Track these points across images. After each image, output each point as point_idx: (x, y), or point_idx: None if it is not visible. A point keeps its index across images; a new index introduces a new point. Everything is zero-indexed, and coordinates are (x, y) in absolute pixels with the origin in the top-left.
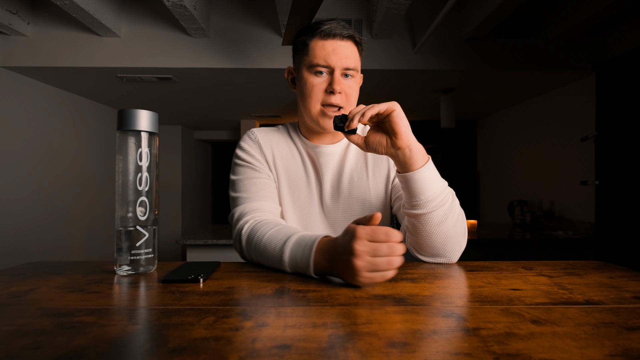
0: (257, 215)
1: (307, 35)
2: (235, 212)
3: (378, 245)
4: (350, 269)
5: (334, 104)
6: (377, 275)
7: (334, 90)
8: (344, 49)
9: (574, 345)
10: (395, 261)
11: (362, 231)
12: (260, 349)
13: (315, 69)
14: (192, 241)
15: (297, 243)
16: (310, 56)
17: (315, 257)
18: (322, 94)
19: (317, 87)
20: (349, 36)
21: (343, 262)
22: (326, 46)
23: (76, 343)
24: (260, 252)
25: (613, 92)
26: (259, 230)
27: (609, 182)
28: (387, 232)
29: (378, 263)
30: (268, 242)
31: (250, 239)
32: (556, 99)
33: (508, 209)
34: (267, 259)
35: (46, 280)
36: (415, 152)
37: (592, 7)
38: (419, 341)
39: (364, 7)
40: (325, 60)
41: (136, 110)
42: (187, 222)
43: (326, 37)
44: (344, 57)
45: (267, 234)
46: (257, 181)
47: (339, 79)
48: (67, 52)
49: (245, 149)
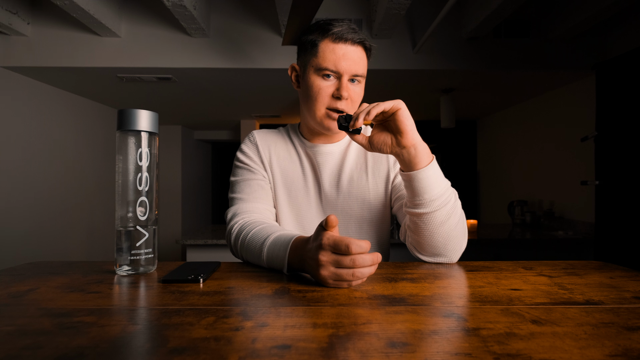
0: (246, 217)
1: (317, 36)
2: (229, 212)
3: (341, 257)
4: (318, 275)
5: (340, 109)
6: (344, 284)
7: (341, 96)
8: (354, 54)
9: (574, 345)
10: (359, 273)
11: (326, 241)
12: (260, 349)
13: (324, 72)
14: (192, 241)
15: (274, 242)
16: (320, 58)
17: (289, 256)
18: (328, 98)
19: (324, 90)
20: (359, 42)
21: (312, 267)
22: (337, 50)
23: (76, 343)
24: (245, 249)
25: (613, 92)
26: (245, 230)
27: (609, 182)
28: (349, 244)
29: (341, 274)
30: (251, 240)
31: (237, 237)
32: (556, 99)
33: (508, 209)
34: (251, 256)
35: (46, 280)
36: (420, 151)
37: (592, 7)
38: (419, 341)
39: (364, 7)
40: (335, 65)
41: (136, 110)
42: (187, 222)
43: (337, 41)
44: (353, 64)
45: (251, 232)
46: (252, 183)
47: (346, 85)
48: (67, 52)
49: (244, 151)
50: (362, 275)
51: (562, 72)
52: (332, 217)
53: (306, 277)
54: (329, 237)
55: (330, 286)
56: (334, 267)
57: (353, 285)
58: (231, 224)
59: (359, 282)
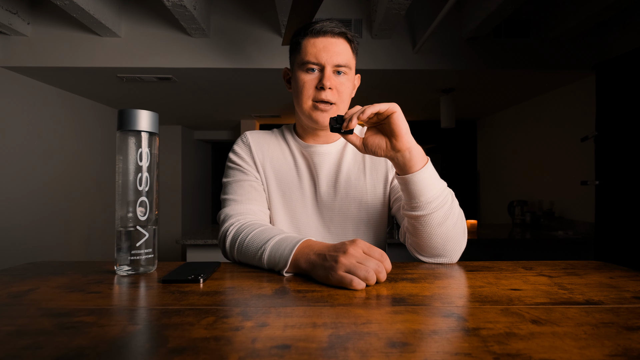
0: (242, 218)
1: (300, 35)
2: (221, 214)
3: (369, 258)
4: (333, 262)
5: (325, 100)
6: (347, 276)
7: (324, 86)
8: (335, 46)
9: (574, 345)
10: (371, 276)
11: (362, 242)
12: (260, 349)
13: (307, 66)
14: (192, 241)
15: (280, 242)
16: (302, 54)
17: (295, 255)
18: (312, 91)
19: (308, 83)
20: (340, 33)
21: (329, 257)
22: (317, 43)
23: (76, 343)
24: (244, 251)
25: (613, 92)
26: (244, 232)
27: (609, 182)
28: (382, 253)
29: (358, 268)
30: (251, 241)
31: (234, 240)
32: (556, 99)
33: (508, 209)
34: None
35: (46, 280)
36: (415, 154)
37: (592, 7)
38: (419, 341)
39: (364, 7)
40: (315, 57)
41: (136, 110)
42: (187, 222)
43: (317, 35)
44: (335, 54)
45: (251, 234)
46: (244, 184)
47: (329, 76)
48: (67, 52)
49: (236, 151)
50: (372, 281)
51: (562, 72)
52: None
53: (306, 277)
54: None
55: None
56: (357, 261)
57: (354, 285)
58: (225, 225)
59: (362, 285)
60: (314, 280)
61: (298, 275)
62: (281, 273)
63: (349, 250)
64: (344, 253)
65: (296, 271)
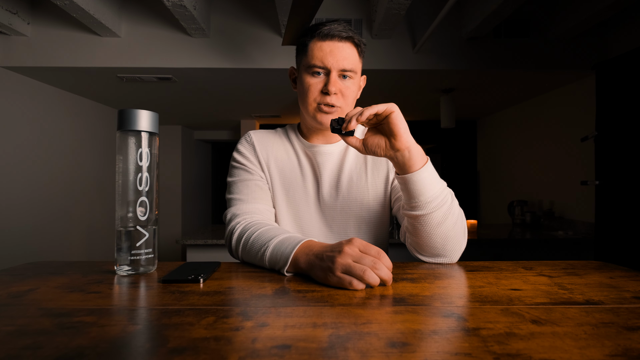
0: (248, 217)
1: (307, 37)
2: (227, 213)
3: (364, 255)
4: (330, 262)
5: (330, 104)
6: (346, 278)
7: (328, 91)
8: (342, 50)
9: (574, 345)
10: (369, 275)
11: (359, 241)
12: (261, 349)
13: (313, 70)
14: (192, 241)
15: (282, 241)
16: (309, 57)
17: (296, 254)
18: (318, 94)
19: (314, 87)
20: (347, 37)
21: (326, 257)
22: (324, 47)
23: (76, 343)
24: (248, 249)
25: (613, 92)
26: (249, 230)
27: (609, 182)
28: (379, 250)
29: (354, 266)
30: (256, 240)
31: (239, 238)
32: (556, 99)
33: (508, 209)
34: (253, 255)
35: (46, 280)
36: (414, 154)
37: (592, 7)
38: (419, 341)
39: (364, 7)
40: (322, 62)
41: (136, 110)
42: (187, 222)
43: (324, 38)
44: (341, 59)
45: (256, 232)
46: (249, 183)
47: (335, 80)
48: (67, 52)
49: (240, 151)
50: (370, 278)
51: (562, 72)
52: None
53: (306, 277)
54: (362, 241)
55: (334, 278)
56: (353, 260)
57: (354, 285)
58: (232, 224)
59: (362, 286)
60: (314, 280)
61: (298, 275)
62: (281, 272)
63: (345, 249)
64: (340, 253)
65: (296, 271)
